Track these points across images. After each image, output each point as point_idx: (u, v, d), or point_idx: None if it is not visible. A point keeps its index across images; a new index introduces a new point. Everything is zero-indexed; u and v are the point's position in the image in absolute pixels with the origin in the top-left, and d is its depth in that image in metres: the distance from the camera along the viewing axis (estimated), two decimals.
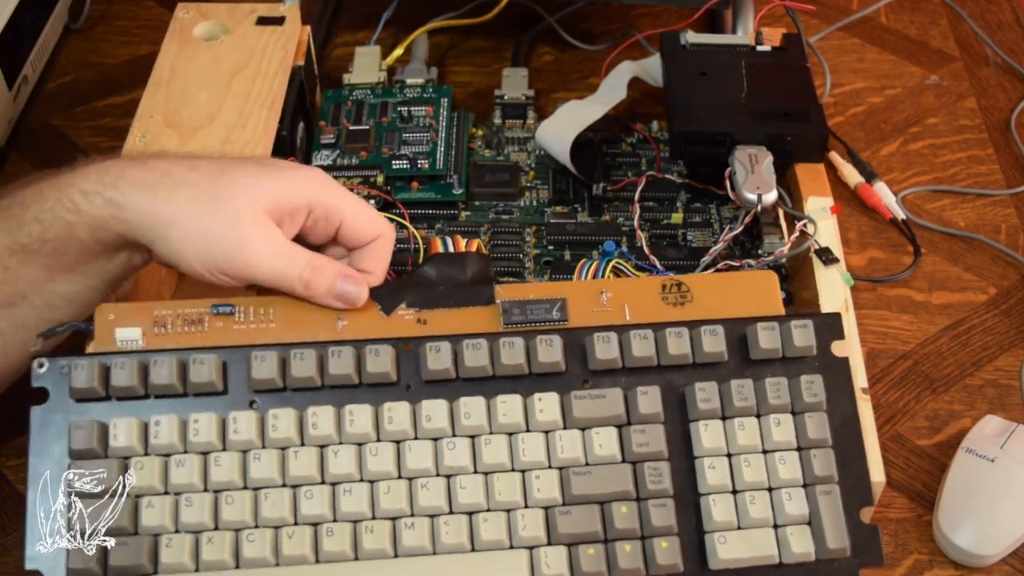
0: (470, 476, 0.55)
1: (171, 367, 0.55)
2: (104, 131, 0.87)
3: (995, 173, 0.84)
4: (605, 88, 0.81)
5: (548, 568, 0.53)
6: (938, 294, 0.75)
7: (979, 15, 0.98)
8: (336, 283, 0.57)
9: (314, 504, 0.53)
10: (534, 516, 0.54)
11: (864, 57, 0.94)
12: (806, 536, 0.55)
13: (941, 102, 0.90)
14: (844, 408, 0.57)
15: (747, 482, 0.55)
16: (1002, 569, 0.61)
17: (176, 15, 0.80)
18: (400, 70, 0.85)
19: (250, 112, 0.72)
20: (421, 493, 0.54)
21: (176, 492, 0.54)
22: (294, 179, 0.58)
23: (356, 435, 0.55)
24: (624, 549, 0.53)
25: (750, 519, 0.55)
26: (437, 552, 0.53)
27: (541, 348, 0.56)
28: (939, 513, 0.62)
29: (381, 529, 0.53)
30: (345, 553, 0.53)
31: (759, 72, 0.75)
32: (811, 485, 0.55)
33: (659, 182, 0.77)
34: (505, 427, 0.56)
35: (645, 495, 0.55)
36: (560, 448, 0.55)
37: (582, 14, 0.95)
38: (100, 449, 0.54)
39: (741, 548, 0.54)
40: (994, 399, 0.69)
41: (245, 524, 0.53)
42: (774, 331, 0.57)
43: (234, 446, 0.55)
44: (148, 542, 0.52)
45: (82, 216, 0.55)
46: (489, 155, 0.80)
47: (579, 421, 0.56)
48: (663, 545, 0.54)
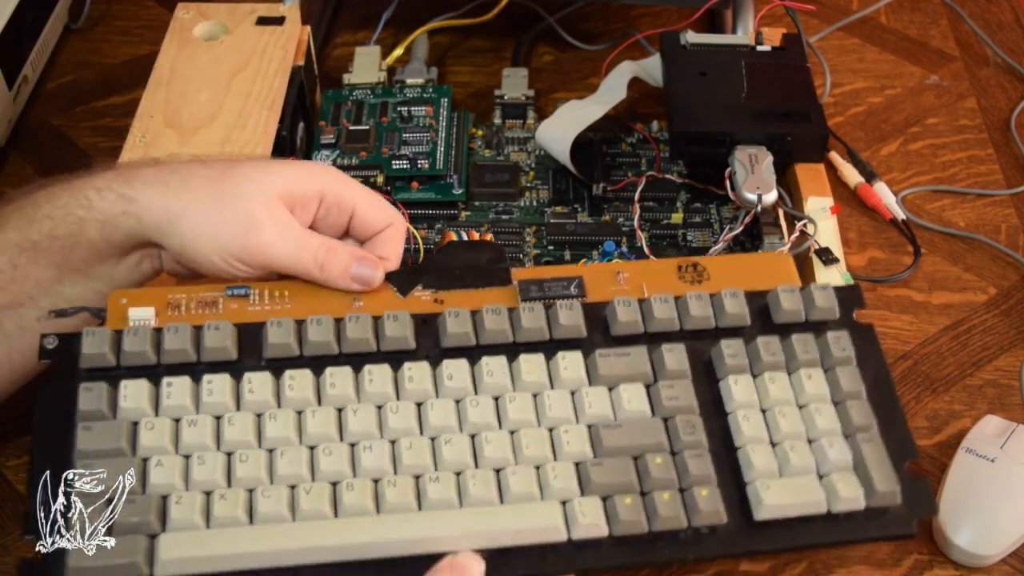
0: (495, 432, 0.53)
1: (185, 333, 0.54)
2: (104, 131, 0.87)
3: (995, 173, 0.84)
4: (605, 88, 0.81)
5: (584, 518, 0.51)
6: (938, 294, 0.75)
7: (979, 15, 0.98)
8: (351, 264, 0.57)
9: (333, 460, 0.52)
10: (565, 468, 0.52)
11: (864, 57, 0.94)
12: (853, 482, 0.53)
13: (941, 102, 0.90)
14: (876, 368, 0.56)
15: (784, 432, 0.53)
16: (1002, 569, 0.61)
17: (176, 15, 0.80)
18: (400, 70, 0.85)
19: (250, 112, 0.72)
20: (445, 448, 0.52)
21: (187, 454, 0.52)
22: (304, 168, 0.59)
23: (375, 394, 0.54)
24: (662, 498, 0.51)
25: (792, 467, 0.53)
26: (464, 505, 0.51)
27: (562, 312, 0.56)
28: (939, 513, 0.61)
29: (404, 484, 0.51)
30: (367, 507, 0.51)
31: (759, 72, 0.75)
32: (851, 435, 0.54)
33: (659, 182, 0.77)
34: (529, 385, 0.54)
35: (679, 447, 0.53)
36: (588, 404, 0.54)
37: (582, 14, 0.95)
38: (108, 411, 0.52)
39: (786, 496, 0.52)
40: (994, 399, 0.69)
41: (260, 481, 0.51)
42: (795, 294, 0.57)
43: (249, 407, 0.53)
44: (156, 500, 0.50)
45: (93, 212, 0.56)
46: (489, 155, 0.80)
47: (605, 379, 0.55)
48: (703, 493, 0.52)
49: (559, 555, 0.51)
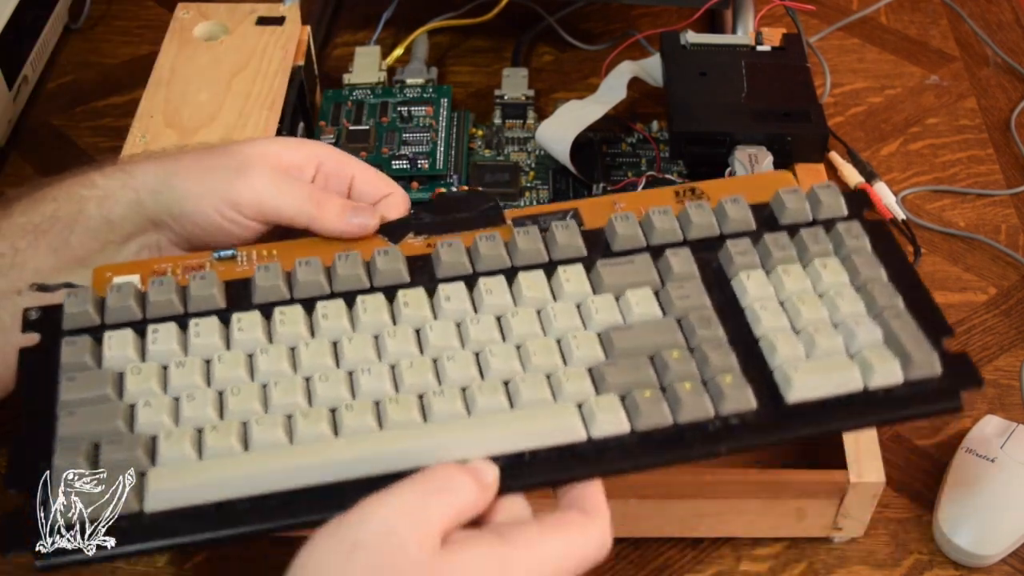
0: (500, 345, 0.50)
1: (170, 285, 0.51)
2: (104, 131, 0.87)
3: (995, 173, 0.84)
4: (605, 88, 0.81)
5: (602, 413, 0.47)
6: (938, 294, 0.75)
7: (979, 15, 0.98)
8: (348, 208, 0.56)
9: (330, 386, 0.48)
10: (577, 372, 0.48)
11: (864, 57, 0.94)
12: (887, 356, 0.48)
13: (941, 102, 0.90)
14: (893, 255, 0.53)
15: (807, 319, 0.50)
16: (1002, 569, 0.61)
17: (176, 15, 0.80)
18: (400, 70, 0.85)
19: (250, 112, 0.73)
20: (448, 365, 0.49)
21: (176, 396, 0.48)
22: (300, 140, 0.61)
23: (370, 323, 0.51)
24: (684, 388, 0.47)
25: (819, 349, 0.49)
26: (473, 416, 0.47)
27: (559, 233, 0.53)
28: (939, 513, 0.62)
29: (407, 401, 0.48)
30: (369, 426, 0.47)
31: (759, 72, 0.75)
32: (878, 315, 0.50)
33: (659, 182, 0.76)
34: (531, 301, 0.51)
35: (696, 343, 0.49)
36: (595, 310, 0.51)
37: (582, 14, 0.95)
38: (92, 362, 0.50)
39: (817, 376, 0.48)
40: (994, 399, 0.69)
41: (254, 412, 0.48)
42: (799, 194, 0.54)
43: (239, 345, 0.50)
44: (145, 439, 0.47)
45: (95, 190, 0.56)
46: (489, 155, 0.80)
47: (610, 287, 0.52)
48: (727, 380, 0.47)
49: (580, 457, 0.47)
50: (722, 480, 0.58)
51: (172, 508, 0.46)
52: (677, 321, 0.51)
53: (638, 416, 0.47)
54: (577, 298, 0.52)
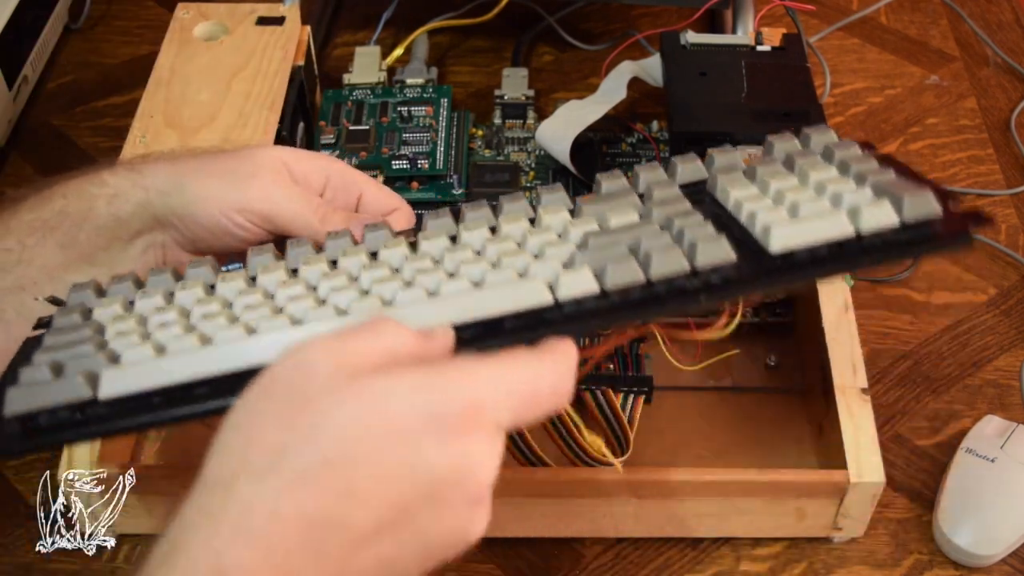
0: (474, 260, 0.48)
1: (168, 275, 0.51)
2: (104, 131, 0.87)
3: (995, 173, 0.84)
4: (605, 88, 0.81)
5: (567, 276, 0.44)
6: (938, 294, 0.75)
7: (979, 15, 0.98)
8: (350, 223, 0.56)
9: (299, 307, 0.47)
10: (550, 259, 0.46)
11: (864, 57, 0.94)
12: (880, 203, 0.45)
13: (941, 102, 0.90)
14: (883, 157, 0.49)
15: (780, 188, 0.47)
16: (1002, 569, 0.61)
17: (176, 15, 0.80)
18: (400, 70, 0.85)
19: (250, 112, 0.73)
20: (419, 278, 0.47)
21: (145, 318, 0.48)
22: (311, 152, 0.60)
23: (349, 266, 0.49)
24: (656, 245, 0.45)
25: (802, 210, 0.46)
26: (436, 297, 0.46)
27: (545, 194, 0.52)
28: (939, 513, 0.62)
29: (373, 298, 0.46)
30: (329, 315, 0.45)
31: (759, 72, 0.75)
32: (859, 176, 0.47)
33: None
34: (511, 234, 0.49)
35: (669, 225, 0.47)
36: (573, 229, 0.48)
37: (582, 14, 0.95)
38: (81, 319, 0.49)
39: (800, 224, 0.45)
40: (994, 399, 0.69)
41: (218, 316, 0.47)
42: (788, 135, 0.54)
43: (222, 290, 0.49)
44: (108, 348, 0.46)
45: (105, 188, 0.57)
46: (489, 155, 0.80)
47: (591, 213, 0.49)
48: (699, 234, 0.45)
49: (547, 322, 0.44)
50: (722, 480, 0.58)
51: (126, 394, 0.44)
52: (652, 220, 0.48)
53: (606, 275, 0.44)
54: (559, 228, 0.50)
